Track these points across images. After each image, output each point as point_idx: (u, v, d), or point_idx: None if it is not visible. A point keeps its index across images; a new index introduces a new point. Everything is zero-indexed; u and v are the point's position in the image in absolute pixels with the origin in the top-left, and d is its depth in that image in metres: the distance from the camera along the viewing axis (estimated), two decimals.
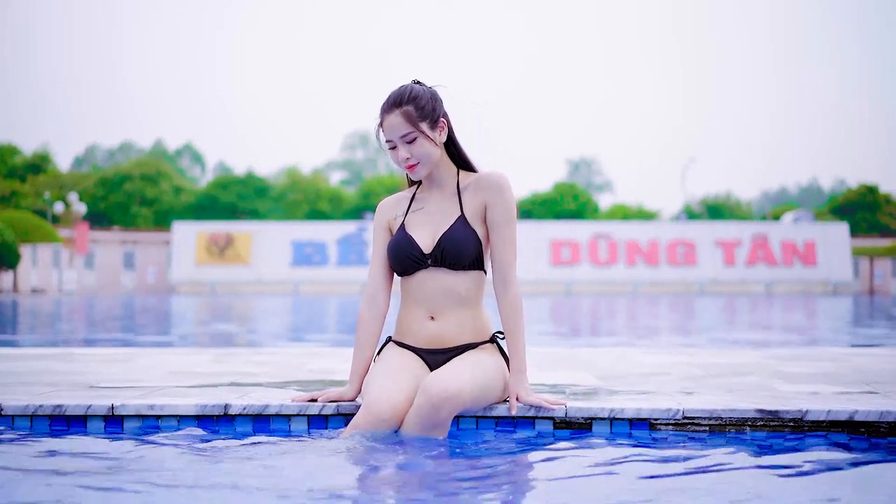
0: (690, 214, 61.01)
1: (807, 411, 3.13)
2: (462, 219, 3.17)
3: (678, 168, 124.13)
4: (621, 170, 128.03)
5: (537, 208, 59.06)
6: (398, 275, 3.26)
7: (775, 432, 3.14)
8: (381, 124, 3.16)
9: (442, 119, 3.17)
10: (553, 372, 4.59)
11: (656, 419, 3.18)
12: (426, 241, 3.19)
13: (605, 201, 74.38)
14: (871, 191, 59.10)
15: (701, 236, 46.47)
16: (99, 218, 56.74)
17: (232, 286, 44.20)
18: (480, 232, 3.17)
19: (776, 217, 57.57)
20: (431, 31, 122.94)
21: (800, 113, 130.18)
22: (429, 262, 3.17)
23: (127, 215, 57.82)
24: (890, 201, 58.95)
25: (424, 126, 3.12)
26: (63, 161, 79.51)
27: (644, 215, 61.54)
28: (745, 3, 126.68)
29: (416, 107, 3.11)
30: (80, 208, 44.70)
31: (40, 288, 39.55)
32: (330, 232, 46.44)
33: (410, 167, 3.16)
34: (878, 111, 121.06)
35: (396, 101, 3.12)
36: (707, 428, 3.16)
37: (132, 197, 57.93)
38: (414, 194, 3.31)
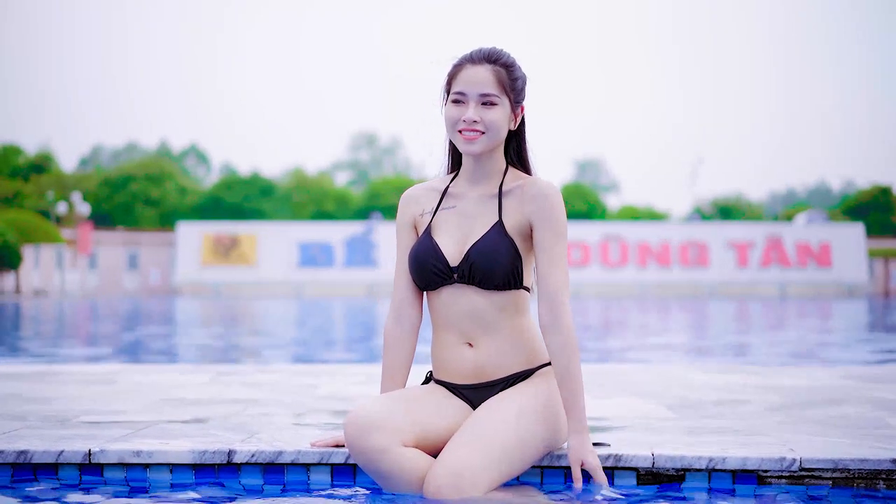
0: (702, 216, 60.28)
1: None
2: (499, 226, 2.53)
3: (685, 169, 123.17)
4: (628, 171, 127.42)
5: None
6: (420, 289, 2.63)
7: None
8: (453, 75, 2.56)
9: (522, 105, 2.61)
10: (605, 398, 3.98)
11: (766, 470, 2.55)
12: (453, 250, 2.56)
13: (612, 202, 73.63)
14: (884, 192, 58.34)
15: (713, 237, 45.75)
16: (102, 219, 56.20)
17: (237, 287, 43.66)
18: (521, 245, 2.54)
19: (788, 218, 56.81)
20: (434, 30, 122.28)
21: (807, 113, 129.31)
22: (455, 276, 2.54)
23: (131, 216, 57.31)
24: None
25: (510, 99, 2.55)
26: (68, 162, 79.26)
27: (653, 216, 60.81)
28: (752, 2, 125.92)
29: (509, 75, 2.55)
30: (84, 209, 44.15)
31: (42, 289, 38.98)
32: (336, 233, 45.87)
33: (471, 134, 2.52)
34: (887, 111, 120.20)
35: (491, 57, 2.56)
36: (830, 482, 2.54)
37: (136, 197, 57.40)
38: (447, 188, 2.66)
